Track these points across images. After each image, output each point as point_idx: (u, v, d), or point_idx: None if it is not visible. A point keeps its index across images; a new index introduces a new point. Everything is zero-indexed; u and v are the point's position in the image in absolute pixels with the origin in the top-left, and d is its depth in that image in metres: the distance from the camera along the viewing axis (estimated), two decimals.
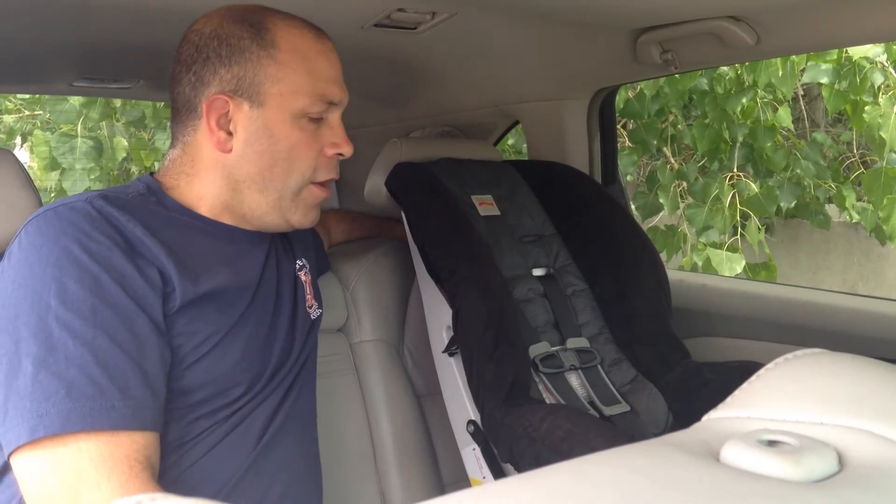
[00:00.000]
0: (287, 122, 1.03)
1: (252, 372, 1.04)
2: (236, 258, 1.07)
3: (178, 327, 0.95)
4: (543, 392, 1.34)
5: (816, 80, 2.94)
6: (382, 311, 1.59)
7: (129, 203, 0.98)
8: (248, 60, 1.01)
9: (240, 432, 1.01)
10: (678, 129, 3.36)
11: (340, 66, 1.09)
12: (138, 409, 0.85)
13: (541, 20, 1.32)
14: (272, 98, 1.02)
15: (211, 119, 1.02)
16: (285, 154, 1.03)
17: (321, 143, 1.06)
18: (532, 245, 1.53)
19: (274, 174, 1.04)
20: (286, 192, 1.05)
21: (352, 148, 1.08)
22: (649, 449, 0.35)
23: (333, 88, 1.06)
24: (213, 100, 1.02)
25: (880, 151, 2.87)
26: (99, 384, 0.82)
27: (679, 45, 1.35)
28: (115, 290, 0.88)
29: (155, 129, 4.13)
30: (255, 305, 1.07)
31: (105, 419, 0.81)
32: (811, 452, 0.32)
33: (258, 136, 1.02)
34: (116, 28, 1.30)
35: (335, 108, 1.08)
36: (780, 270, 3.33)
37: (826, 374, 0.40)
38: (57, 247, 0.88)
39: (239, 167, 1.03)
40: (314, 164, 1.06)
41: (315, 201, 1.10)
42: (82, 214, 0.91)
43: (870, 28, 1.22)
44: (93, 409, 0.81)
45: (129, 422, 0.83)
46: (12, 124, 4.28)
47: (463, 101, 1.85)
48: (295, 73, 1.02)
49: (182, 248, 0.98)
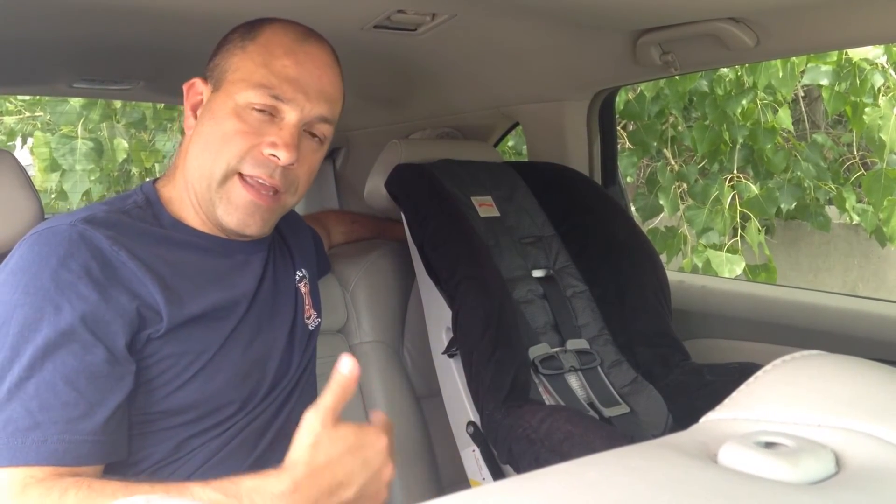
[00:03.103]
0: (229, 109, 1.00)
1: (247, 389, 1.03)
2: (230, 273, 1.06)
3: (166, 349, 0.94)
4: (543, 393, 1.34)
5: (816, 82, 2.93)
6: (382, 312, 1.59)
7: (120, 220, 0.98)
8: (227, 51, 1.04)
9: (233, 448, 1.00)
10: (678, 130, 3.36)
11: (322, 75, 1.04)
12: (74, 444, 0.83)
13: (540, 22, 1.32)
14: (226, 84, 1.02)
15: (188, 104, 1.05)
16: (218, 138, 1.00)
17: (261, 138, 0.99)
18: (532, 246, 1.53)
19: (204, 159, 1.01)
20: (213, 182, 1.00)
21: (291, 156, 0.99)
22: (648, 450, 0.35)
23: (286, 86, 1.00)
24: (192, 83, 1.05)
25: (880, 153, 2.87)
26: (36, 419, 0.82)
27: (679, 47, 1.35)
28: (72, 320, 0.87)
29: (155, 131, 4.13)
30: (248, 320, 1.06)
31: (34, 454, 0.80)
32: (808, 454, 0.32)
33: (203, 119, 1.03)
34: (116, 30, 1.30)
35: (291, 109, 1.00)
36: (780, 272, 3.32)
37: (824, 376, 0.40)
38: (27, 273, 0.88)
39: (189, 154, 1.03)
40: (242, 154, 0.99)
41: (240, 201, 1.01)
42: (63, 238, 0.91)
43: (870, 30, 1.22)
44: (24, 443, 0.81)
45: (61, 457, 0.82)
46: (13, 126, 4.28)
47: (463, 103, 1.85)
48: (252, 64, 1.01)
49: (170, 271, 0.97)
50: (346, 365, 0.76)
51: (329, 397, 0.76)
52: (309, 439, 0.74)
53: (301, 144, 1.02)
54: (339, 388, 0.76)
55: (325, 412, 0.75)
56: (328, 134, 1.07)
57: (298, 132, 1.01)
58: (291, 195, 1.06)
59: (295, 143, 1.00)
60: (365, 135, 2.11)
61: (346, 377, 0.76)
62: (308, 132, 1.04)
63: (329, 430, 0.75)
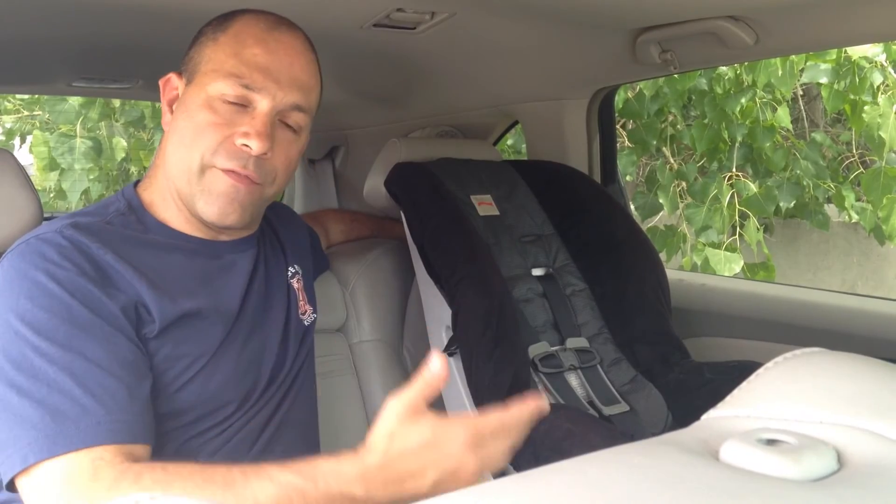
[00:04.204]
0: (202, 101, 0.99)
1: (244, 388, 1.03)
2: (219, 274, 1.05)
3: (163, 352, 0.94)
4: (543, 392, 1.34)
5: (815, 80, 2.94)
6: (382, 311, 1.59)
7: (104, 228, 0.98)
8: (200, 43, 1.03)
9: (232, 447, 1.00)
10: (677, 129, 3.37)
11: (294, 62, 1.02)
12: (126, 424, 0.84)
13: (540, 20, 1.32)
14: (198, 76, 1.01)
15: (164, 100, 1.04)
16: (191, 131, 0.98)
17: (233, 129, 0.97)
18: (531, 245, 1.53)
19: (181, 153, 1.00)
20: (192, 175, 0.99)
21: (263, 145, 0.97)
22: (649, 448, 0.35)
23: (256, 75, 0.98)
24: (168, 79, 1.05)
25: (879, 151, 2.87)
26: (82, 404, 0.82)
27: (678, 45, 1.35)
28: (85, 315, 0.88)
29: (154, 130, 4.12)
30: (242, 319, 1.05)
31: (93, 436, 0.81)
32: (810, 451, 0.32)
33: (178, 113, 1.02)
34: (115, 28, 1.30)
35: (263, 98, 0.99)
36: (779, 270, 3.32)
37: (825, 373, 0.40)
38: (27, 279, 0.88)
39: (167, 150, 1.03)
40: (215, 147, 0.97)
41: (220, 189, 0.99)
42: (52, 245, 0.92)
43: (869, 28, 1.22)
44: (79, 429, 0.81)
45: (117, 436, 0.83)
46: (11, 125, 4.28)
47: (462, 101, 1.85)
48: (223, 55, 1.00)
49: (157, 272, 0.97)
50: (436, 363, 0.76)
51: (412, 391, 0.76)
52: (386, 430, 0.75)
53: (276, 134, 1.00)
54: (425, 385, 0.76)
55: (404, 405, 0.76)
56: (304, 123, 1.05)
57: (271, 121, 1.00)
58: (269, 186, 1.03)
59: (267, 131, 0.98)
60: (364, 133, 2.11)
61: (433, 375, 0.76)
62: (283, 122, 1.03)
63: (406, 423, 0.76)
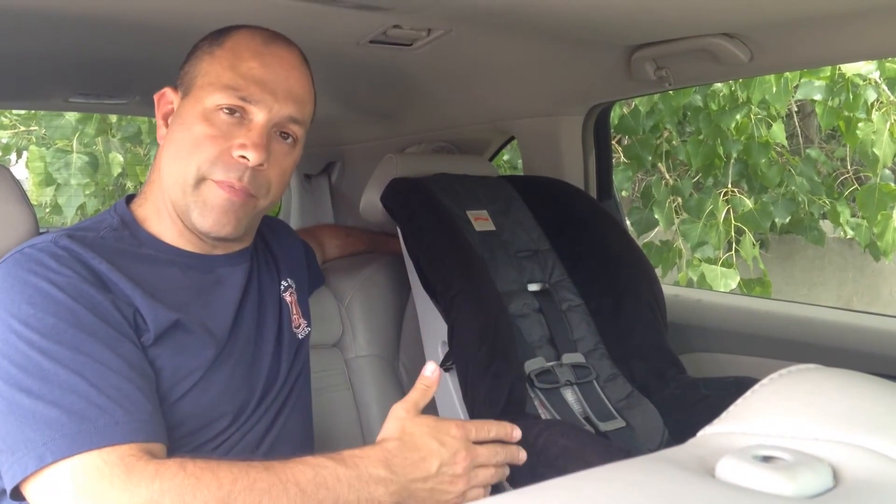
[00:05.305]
0: (199, 114, 0.99)
1: (238, 401, 1.03)
2: (212, 288, 1.06)
3: (158, 362, 0.95)
4: (539, 407, 1.34)
5: (810, 97, 2.95)
6: (377, 326, 1.59)
7: (98, 241, 0.98)
8: (196, 57, 1.04)
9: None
10: (673, 144, 3.38)
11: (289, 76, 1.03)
12: (144, 423, 0.85)
13: (536, 37, 1.33)
14: (195, 90, 1.02)
15: (159, 114, 1.05)
16: (188, 144, 0.99)
17: (230, 141, 0.98)
18: (527, 260, 1.54)
19: (177, 165, 1.00)
20: (187, 187, 0.99)
21: (260, 156, 0.98)
22: (645, 464, 0.35)
23: (253, 88, 0.99)
24: (163, 93, 1.06)
25: (874, 168, 2.89)
26: (98, 404, 0.82)
27: (673, 62, 1.36)
28: (91, 319, 0.88)
29: (151, 145, 4.13)
30: (236, 334, 1.06)
31: (112, 434, 0.81)
32: (806, 468, 0.32)
33: (173, 126, 1.03)
34: (112, 44, 1.30)
35: (259, 110, 1.00)
36: (774, 286, 3.33)
37: (820, 389, 0.40)
38: (27, 286, 0.88)
39: (162, 163, 1.03)
40: (213, 159, 0.98)
41: (216, 200, 0.99)
42: (48, 254, 0.92)
43: (863, 45, 1.23)
44: (97, 427, 0.81)
45: (138, 435, 0.83)
46: (8, 140, 4.28)
47: (458, 117, 1.86)
48: (220, 67, 1.01)
49: (151, 283, 0.97)
50: (429, 369, 0.96)
51: (414, 393, 0.94)
52: (397, 423, 0.91)
53: (272, 146, 1.01)
54: (423, 387, 0.94)
55: (409, 404, 0.92)
56: (299, 135, 1.06)
57: (267, 133, 1.01)
58: (264, 198, 1.04)
59: (264, 143, 0.99)
60: (360, 149, 2.12)
61: (428, 378, 0.95)
62: (278, 134, 1.03)
63: (412, 418, 0.91)
